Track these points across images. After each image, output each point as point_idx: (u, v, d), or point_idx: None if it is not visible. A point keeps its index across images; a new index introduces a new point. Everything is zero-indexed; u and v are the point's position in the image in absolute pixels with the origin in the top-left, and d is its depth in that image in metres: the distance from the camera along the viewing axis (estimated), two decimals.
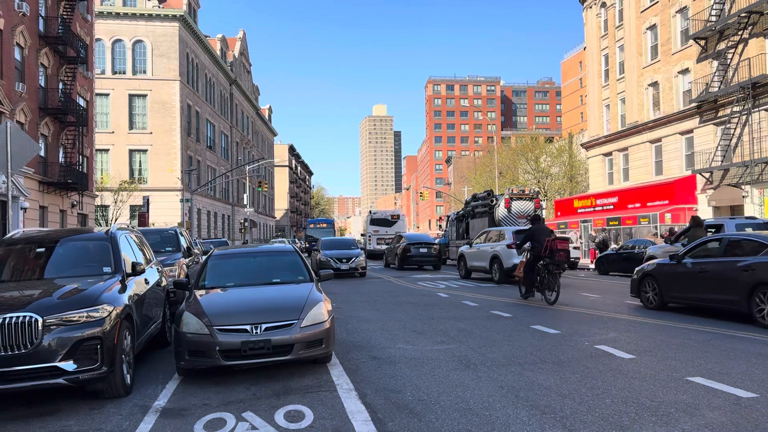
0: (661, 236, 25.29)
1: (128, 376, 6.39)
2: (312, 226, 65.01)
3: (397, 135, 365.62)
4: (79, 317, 5.76)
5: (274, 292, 7.71)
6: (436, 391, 6.17)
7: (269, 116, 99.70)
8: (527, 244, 14.33)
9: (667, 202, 32.48)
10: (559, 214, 46.15)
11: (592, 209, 40.26)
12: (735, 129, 29.57)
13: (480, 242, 21.64)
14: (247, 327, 6.58)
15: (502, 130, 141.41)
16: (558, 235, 14.29)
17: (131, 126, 49.51)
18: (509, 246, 18.60)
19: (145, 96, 49.67)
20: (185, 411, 5.72)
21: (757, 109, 28.28)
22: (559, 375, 6.74)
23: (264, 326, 6.61)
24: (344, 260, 23.43)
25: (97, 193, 39.85)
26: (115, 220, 42.67)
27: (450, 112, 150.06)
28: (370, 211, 46.29)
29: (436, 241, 32.10)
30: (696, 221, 14.79)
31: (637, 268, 13.45)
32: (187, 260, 13.75)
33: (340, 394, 6.13)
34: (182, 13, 50.43)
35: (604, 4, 41.97)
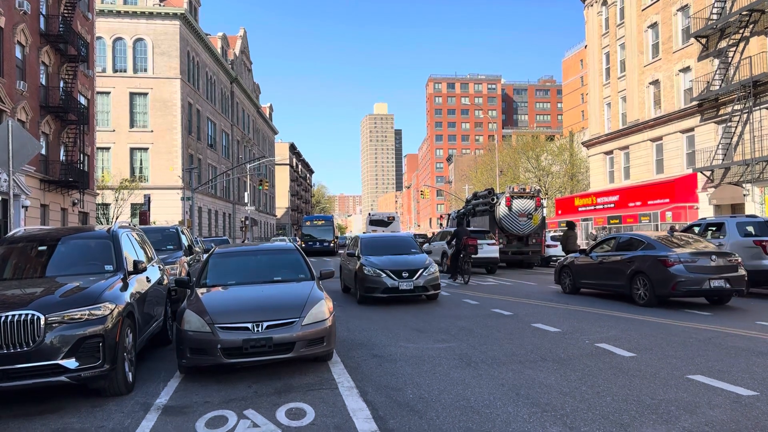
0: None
1: (130, 374, 6.41)
2: (308, 223, 55.12)
3: (398, 133, 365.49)
4: (81, 315, 5.78)
5: (276, 290, 7.73)
6: (437, 388, 6.18)
7: (270, 115, 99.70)
8: (454, 241, 19.76)
9: (668, 200, 32.48)
10: (560, 212, 46.16)
11: (592, 207, 40.26)
12: (736, 127, 29.54)
13: (436, 240, 27.62)
14: (249, 325, 6.60)
15: (503, 128, 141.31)
16: (471, 235, 19.93)
17: (132, 124, 49.52)
18: (449, 243, 22.27)
19: (145, 94, 49.66)
20: (187, 409, 5.74)
21: (758, 107, 28.25)
22: (559, 373, 6.75)
23: (265, 324, 6.63)
24: (404, 274, 13.73)
25: (98, 191, 39.88)
26: (116, 219, 42.71)
27: (451, 111, 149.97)
28: (370, 213, 53.57)
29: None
30: (569, 225, 21.33)
31: (558, 262, 16.72)
32: (188, 258, 13.77)
33: (341, 391, 6.15)
34: (183, 11, 50.42)
35: (605, 2, 41.92)
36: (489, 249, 23.83)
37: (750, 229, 14.89)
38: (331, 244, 51.87)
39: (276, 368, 7.20)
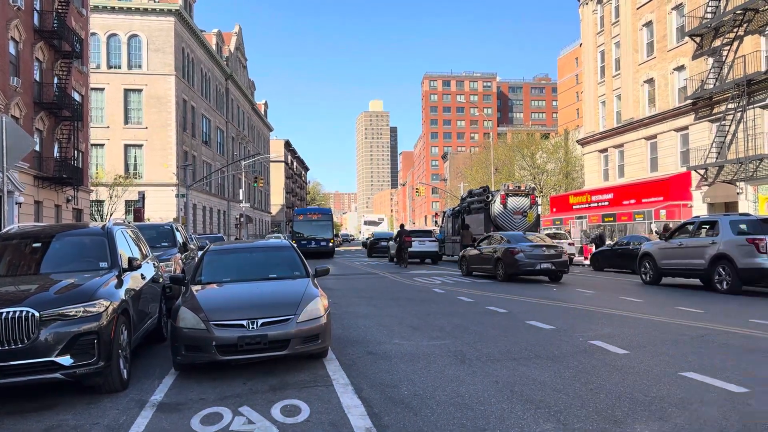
0: (656, 233, 25.37)
1: (125, 370, 6.41)
2: (300, 218, 43.95)
3: (393, 131, 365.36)
4: (76, 312, 5.77)
5: (271, 287, 7.73)
6: (431, 385, 6.21)
7: (265, 111, 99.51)
8: (398, 239, 27.90)
9: (662, 198, 32.60)
10: (554, 210, 46.27)
11: (587, 205, 40.37)
12: (730, 126, 29.67)
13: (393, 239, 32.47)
14: (244, 322, 6.61)
15: (498, 126, 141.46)
16: (410, 234, 29.53)
17: (126, 121, 49.34)
18: (395, 239, 29.34)
19: (140, 91, 49.49)
20: (182, 405, 5.74)
21: (751, 106, 28.37)
22: (553, 370, 6.79)
23: (260, 321, 6.64)
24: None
25: (92, 188, 39.74)
26: (111, 216, 42.58)
27: (446, 108, 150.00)
28: (364, 215, 60.81)
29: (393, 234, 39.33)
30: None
31: (494, 255, 19.82)
32: (183, 256, 13.75)
33: (336, 388, 6.16)
34: (178, 8, 50.25)
35: (600, 1, 41.99)
36: (429, 245, 31.72)
37: (743, 227, 14.97)
38: (330, 244, 41.83)
39: (271, 365, 7.21)
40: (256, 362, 7.06)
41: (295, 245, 9.51)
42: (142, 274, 8.01)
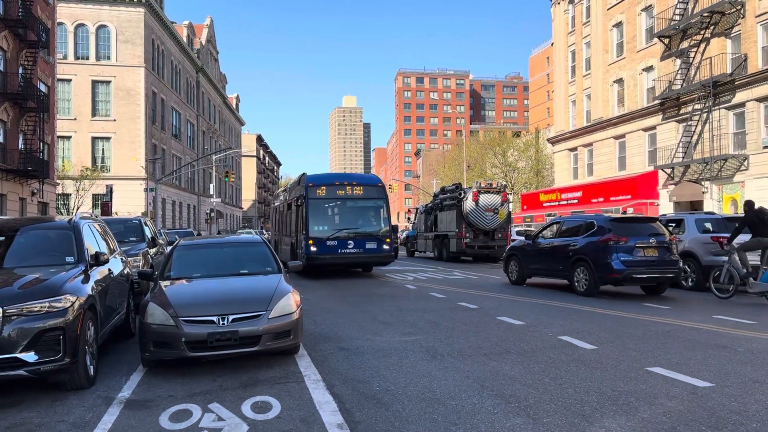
0: None
1: (91, 367, 6.29)
2: (320, 192, 19.24)
3: (367, 127, 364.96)
4: (41, 307, 5.64)
5: (242, 283, 7.67)
6: (403, 381, 6.22)
7: (237, 105, 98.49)
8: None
9: (629, 196, 33.20)
10: (525, 207, 46.79)
11: (557, 203, 40.89)
12: (696, 126, 30.32)
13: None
14: (214, 318, 6.55)
15: (470, 123, 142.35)
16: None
17: (94, 113, 48.36)
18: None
19: (108, 82, 48.54)
20: (150, 402, 5.66)
21: (717, 107, 29.04)
22: (523, 365, 6.86)
23: (231, 317, 6.58)
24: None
25: (58, 181, 38.88)
26: (77, 209, 41.72)
27: (420, 105, 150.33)
28: None
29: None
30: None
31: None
32: (151, 251, 13.55)
33: (307, 384, 6.14)
34: None
35: (572, 1, 42.49)
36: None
37: (708, 225, 15.32)
38: (387, 244, 19.31)
39: (242, 361, 7.15)
40: (227, 359, 7.00)
41: (268, 242, 9.35)
42: (109, 269, 7.87)
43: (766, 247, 12.58)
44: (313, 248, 18.01)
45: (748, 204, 13.10)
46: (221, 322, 6.53)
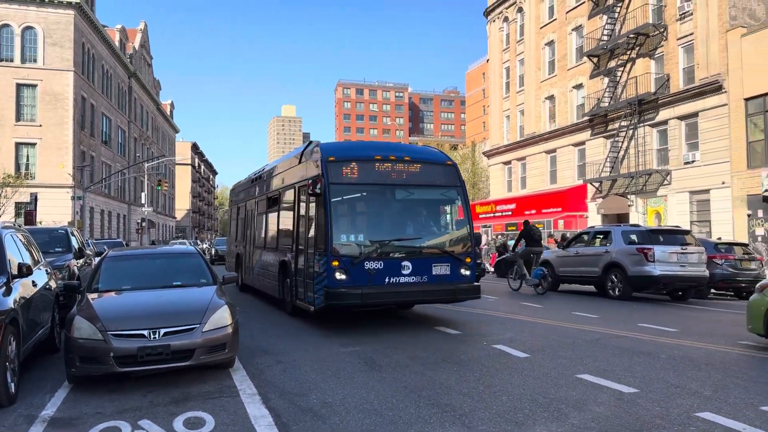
0: (555, 241, 26.65)
1: (13, 384, 5.97)
2: (350, 171, 10.45)
3: (306, 136, 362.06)
4: None
5: (175, 295, 7.47)
6: (341, 393, 6.20)
7: (171, 112, 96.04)
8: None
9: (560, 209, 34.35)
10: None
11: (492, 215, 41.81)
12: (623, 142, 31.74)
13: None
14: (145, 332, 6.36)
15: (409, 136, 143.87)
16: None
17: (18, 117, 46.04)
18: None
19: (35, 86, 46.37)
20: (76, 420, 5.42)
21: (642, 124, 30.50)
22: (459, 374, 6.97)
23: (163, 331, 6.41)
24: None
25: None
26: None
27: (359, 116, 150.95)
28: None
29: None
30: None
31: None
32: (78, 262, 13.00)
33: (242, 399, 6.03)
34: (78, 0, 47.60)
35: (506, 19, 43.78)
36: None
37: (633, 237, 16.03)
38: (465, 266, 10.62)
39: (174, 376, 6.95)
40: (159, 373, 6.79)
41: (201, 251, 9.06)
42: (33, 281, 7.50)
43: (535, 254, 17.36)
44: (339, 275, 9.67)
45: (525, 222, 17.79)
46: (152, 336, 6.35)
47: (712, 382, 6.62)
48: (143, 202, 63.62)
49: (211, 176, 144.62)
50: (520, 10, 41.69)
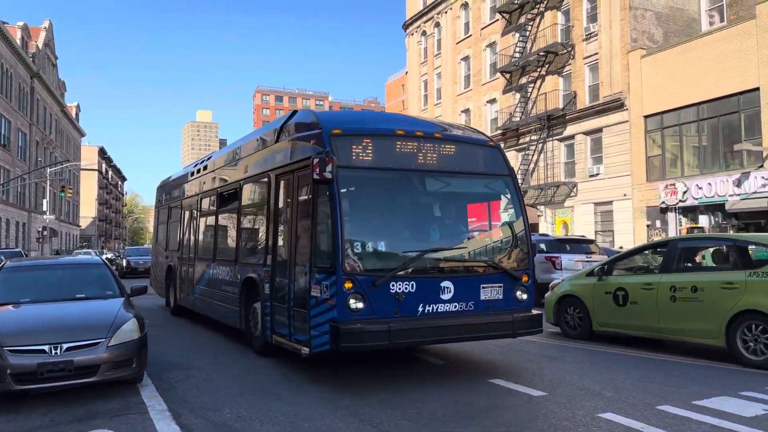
0: None
1: None
2: (363, 154, 7.09)
3: (223, 142, 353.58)
4: None
5: (79, 308, 7.11)
6: (256, 406, 6.08)
7: (77, 115, 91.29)
8: None
9: (474, 219, 35.28)
10: None
11: None
12: (533, 155, 33.12)
13: None
14: (45, 347, 6.01)
15: None
16: None
17: None
18: None
19: None
20: None
21: (551, 138, 31.96)
22: (374, 380, 7.00)
23: (65, 346, 6.08)
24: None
25: None
26: None
27: None
28: None
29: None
30: None
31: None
32: None
33: (152, 415, 5.79)
34: None
35: (424, 33, 44.75)
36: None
37: (543, 246, 16.70)
38: (522, 287, 7.61)
39: (77, 393, 6.57)
40: (61, 390, 6.41)
41: (107, 261, 8.71)
42: None
43: None
44: (353, 302, 6.51)
45: None
46: (54, 352, 6.00)
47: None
48: (45, 209, 59.96)
49: (119, 182, 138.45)
50: (438, 24, 42.73)
